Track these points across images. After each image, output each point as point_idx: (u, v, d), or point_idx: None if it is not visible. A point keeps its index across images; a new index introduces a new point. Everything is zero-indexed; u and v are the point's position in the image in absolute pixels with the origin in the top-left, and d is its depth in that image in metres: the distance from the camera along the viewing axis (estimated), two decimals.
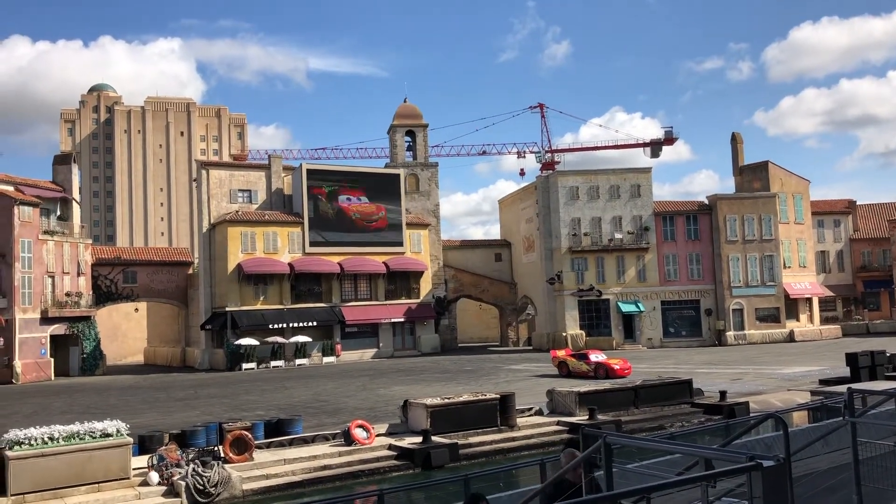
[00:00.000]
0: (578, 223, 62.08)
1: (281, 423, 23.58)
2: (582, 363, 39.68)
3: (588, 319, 61.58)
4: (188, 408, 33.28)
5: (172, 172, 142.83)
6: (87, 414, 29.09)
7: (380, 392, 36.22)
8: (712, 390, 29.58)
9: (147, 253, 70.96)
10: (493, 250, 72.32)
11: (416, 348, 63.98)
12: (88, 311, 58.05)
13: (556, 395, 27.16)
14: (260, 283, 58.67)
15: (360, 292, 62.88)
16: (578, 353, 41.68)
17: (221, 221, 58.95)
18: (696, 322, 62.78)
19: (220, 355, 57.57)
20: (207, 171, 61.67)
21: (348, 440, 22.25)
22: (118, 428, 18.74)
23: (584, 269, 61.70)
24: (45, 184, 59.94)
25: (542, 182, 64.73)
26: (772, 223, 63.09)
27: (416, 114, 72.22)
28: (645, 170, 64.83)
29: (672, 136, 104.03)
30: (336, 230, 61.93)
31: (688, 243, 63.00)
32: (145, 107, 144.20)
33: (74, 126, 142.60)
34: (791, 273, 64.44)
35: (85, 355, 57.65)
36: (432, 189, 69.99)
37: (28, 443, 17.60)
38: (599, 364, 38.99)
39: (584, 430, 7.75)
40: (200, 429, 22.24)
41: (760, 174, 65.72)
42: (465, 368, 47.33)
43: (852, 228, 73.77)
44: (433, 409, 23.26)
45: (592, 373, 38.45)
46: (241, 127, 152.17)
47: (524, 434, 24.15)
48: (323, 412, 29.72)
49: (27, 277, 54.13)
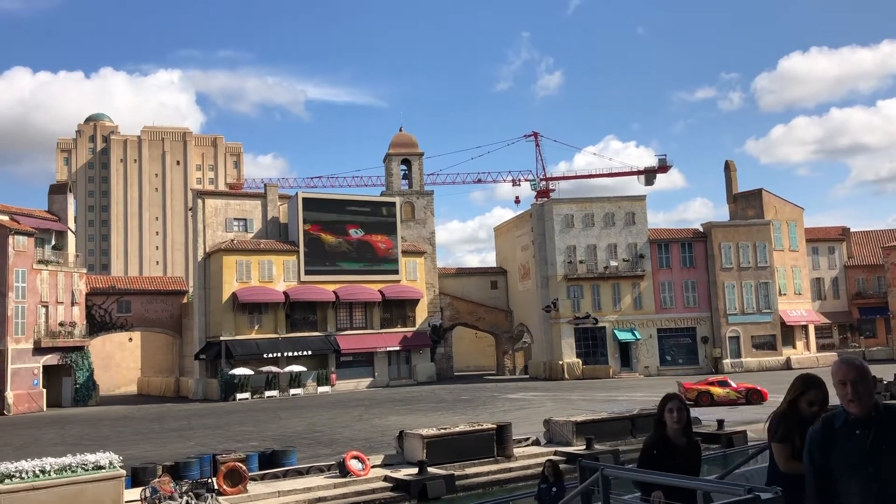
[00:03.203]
0: (574, 251, 62.14)
1: (275, 455, 23.36)
2: (729, 391, 38.18)
3: (584, 347, 61.38)
4: (182, 439, 32.95)
5: (168, 201, 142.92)
6: (79, 445, 28.78)
7: (375, 422, 35.94)
8: (710, 419, 29.41)
9: (141, 282, 70.72)
10: (488, 278, 72.26)
11: (411, 377, 63.61)
12: (82, 340, 57.70)
13: (553, 424, 26.98)
14: (255, 311, 58.45)
15: (355, 321, 62.66)
16: (719, 381, 39.95)
17: (217, 250, 58.88)
18: (692, 350, 62.65)
19: (214, 385, 57.15)
20: (203, 199, 61.72)
21: (343, 471, 22.03)
22: (111, 460, 18.52)
23: (580, 297, 61.64)
24: (41, 213, 59.90)
25: (537, 210, 64.86)
26: (766, 250, 63.27)
27: (412, 142, 72.56)
28: (639, 197, 65.07)
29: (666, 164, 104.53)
30: (331, 258, 61.87)
31: (683, 271, 63.07)
32: (141, 136, 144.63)
33: (71, 156, 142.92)
34: (787, 300, 64.49)
35: (78, 386, 57.18)
36: (428, 217, 70.11)
37: (19, 476, 17.36)
38: (750, 389, 37.88)
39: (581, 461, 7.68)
40: (194, 460, 22.01)
41: (754, 202, 66.04)
42: (461, 398, 47.04)
43: (847, 255, 73.95)
44: (429, 440, 23.07)
45: (743, 399, 37.14)
46: (237, 156, 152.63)
47: (521, 465, 23.94)
48: (318, 443, 29.45)
49: (21, 307, 53.84)
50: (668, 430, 6.54)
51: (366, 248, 63.39)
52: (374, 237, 63.79)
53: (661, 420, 6.60)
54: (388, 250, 64.20)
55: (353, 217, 63.43)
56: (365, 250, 63.34)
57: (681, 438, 6.52)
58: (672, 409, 6.52)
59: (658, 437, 6.60)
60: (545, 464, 14.68)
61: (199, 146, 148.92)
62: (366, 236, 63.48)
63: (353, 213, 63.55)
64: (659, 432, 6.60)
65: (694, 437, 6.64)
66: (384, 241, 64.13)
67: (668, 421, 6.53)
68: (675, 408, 6.52)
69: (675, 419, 6.49)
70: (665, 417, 6.55)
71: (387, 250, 64.16)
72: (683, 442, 6.53)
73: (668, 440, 6.53)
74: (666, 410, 6.57)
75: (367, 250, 63.41)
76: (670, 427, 6.52)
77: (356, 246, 63.07)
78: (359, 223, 63.42)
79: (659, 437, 6.59)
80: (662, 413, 6.59)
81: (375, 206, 65.57)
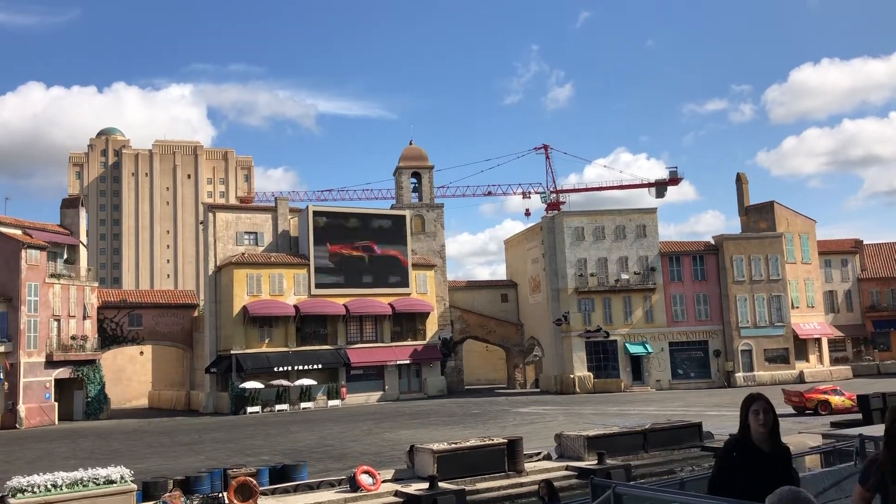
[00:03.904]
0: (584, 264, 61.97)
1: (286, 469, 23.30)
2: (844, 398, 38.04)
3: (596, 361, 61.10)
4: (192, 453, 32.97)
5: (179, 215, 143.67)
6: (90, 459, 28.83)
7: (385, 436, 35.85)
8: (723, 433, 29.10)
9: (152, 296, 70.98)
10: (499, 291, 72.15)
11: (422, 391, 63.47)
12: (93, 354, 57.90)
13: (565, 439, 26.81)
14: (265, 325, 58.53)
15: (365, 334, 62.64)
16: (832, 389, 39.71)
17: (227, 263, 59.07)
18: (704, 363, 62.26)
19: (224, 399, 57.20)
20: (214, 213, 62.01)
21: (354, 486, 21.94)
22: (122, 474, 18.55)
23: (590, 310, 61.42)
24: (53, 227, 60.29)
25: (547, 222, 64.77)
26: (779, 263, 62.92)
27: (422, 156, 72.73)
28: (650, 210, 64.89)
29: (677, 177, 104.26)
30: (341, 271, 61.93)
31: (695, 284, 62.78)
32: (153, 150, 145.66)
33: (83, 170, 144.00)
34: (799, 313, 64.05)
35: (89, 399, 57.34)
36: (438, 230, 70.16)
37: (31, 490, 17.41)
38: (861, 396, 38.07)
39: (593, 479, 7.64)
40: (205, 475, 21.99)
41: (766, 214, 65.76)
42: (471, 412, 46.89)
43: (860, 268, 73.41)
44: (440, 455, 22.96)
45: (857, 407, 35.93)
46: (247, 169, 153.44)
47: (532, 480, 23.75)
48: (328, 457, 29.38)
49: (33, 321, 54.12)
50: (752, 434, 5.86)
51: (376, 262, 63.45)
52: (385, 250, 63.84)
53: (744, 422, 5.92)
54: (398, 263, 64.22)
55: (364, 230, 63.52)
56: (375, 263, 63.39)
57: (766, 444, 5.84)
58: (757, 410, 5.81)
59: (740, 439, 5.93)
60: (540, 483, 14.55)
61: (209, 160, 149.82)
62: (376, 249, 63.54)
63: (363, 227, 63.65)
64: (741, 435, 5.94)
65: (782, 444, 5.95)
66: (394, 253, 64.17)
67: (752, 424, 5.84)
68: (762, 409, 5.80)
69: (760, 422, 5.78)
70: (749, 419, 5.86)
71: (397, 263, 64.18)
72: (769, 448, 5.83)
73: (751, 444, 5.85)
74: (750, 412, 5.86)
75: (377, 263, 63.45)
76: (755, 431, 5.83)
77: (366, 259, 63.13)
78: (369, 236, 63.49)
79: (741, 439, 5.92)
80: (746, 415, 5.91)
81: (385, 219, 65.66)
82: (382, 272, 63.56)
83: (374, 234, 63.79)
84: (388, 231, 64.49)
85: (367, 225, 63.95)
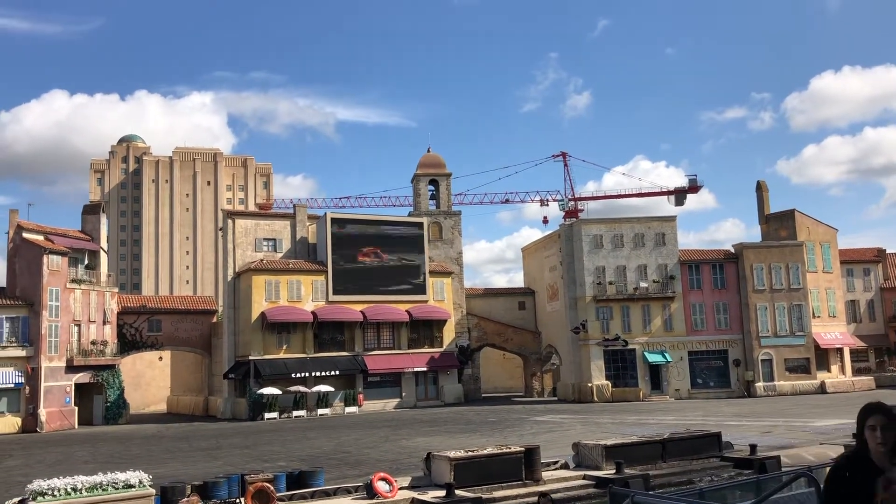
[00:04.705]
0: (603, 272, 61.67)
1: (303, 475, 23.32)
2: None
3: (614, 370, 60.74)
4: (210, 458, 33.08)
5: (198, 221, 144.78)
6: (110, 463, 29.03)
7: (402, 443, 35.80)
8: (742, 444, 28.86)
9: (172, 301, 71.50)
10: (516, 298, 71.98)
11: (439, 398, 63.36)
12: (113, 359, 58.37)
13: (583, 448, 26.64)
14: (283, 331, 58.74)
15: (382, 341, 62.69)
16: None
17: (246, 270, 59.38)
18: (724, 373, 61.71)
19: (242, 405, 57.42)
20: (233, 220, 62.40)
21: (371, 493, 21.91)
22: (140, 479, 18.66)
23: (609, 319, 61.08)
24: (74, 233, 60.93)
25: (565, 230, 64.55)
26: (799, 272, 62.30)
27: (440, 163, 72.83)
28: (669, 218, 64.48)
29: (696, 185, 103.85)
30: (359, 278, 62.06)
31: (714, 292, 62.29)
32: (173, 157, 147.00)
33: (104, 176, 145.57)
34: (821, 323, 63.34)
35: (109, 404, 57.77)
36: (455, 237, 70.16)
37: (51, 493, 17.56)
38: None
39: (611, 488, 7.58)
40: (222, 480, 22.05)
41: (787, 223, 65.16)
42: (488, 419, 46.74)
43: (882, 277, 72.50)
44: (457, 462, 22.88)
45: None
46: (266, 176, 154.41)
47: (549, 489, 23.60)
48: (345, 464, 29.38)
49: (54, 326, 54.66)
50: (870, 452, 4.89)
51: (393, 269, 63.53)
52: (402, 257, 63.92)
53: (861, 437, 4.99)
54: (415, 270, 64.27)
55: (381, 237, 63.65)
56: (392, 270, 63.48)
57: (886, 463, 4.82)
58: (874, 425, 4.83)
59: (855, 456, 4.98)
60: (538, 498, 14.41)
61: (229, 167, 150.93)
62: (393, 256, 63.64)
63: (381, 234, 63.79)
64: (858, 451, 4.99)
65: None
66: (412, 261, 64.23)
67: (869, 441, 4.88)
68: (879, 424, 4.81)
69: (878, 440, 4.80)
70: (866, 435, 4.91)
71: (414, 270, 64.23)
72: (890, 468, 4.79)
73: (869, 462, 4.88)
74: (867, 427, 4.91)
75: (394, 270, 63.53)
76: (873, 449, 4.86)
77: (384, 266, 63.23)
78: (387, 243, 63.61)
79: (856, 456, 4.97)
80: (862, 429, 4.96)
81: (403, 226, 65.76)
82: (400, 279, 63.62)
83: (392, 242, 63.89)
84: (405, 238, 64.57)
85: (384, 232, 64.07)
